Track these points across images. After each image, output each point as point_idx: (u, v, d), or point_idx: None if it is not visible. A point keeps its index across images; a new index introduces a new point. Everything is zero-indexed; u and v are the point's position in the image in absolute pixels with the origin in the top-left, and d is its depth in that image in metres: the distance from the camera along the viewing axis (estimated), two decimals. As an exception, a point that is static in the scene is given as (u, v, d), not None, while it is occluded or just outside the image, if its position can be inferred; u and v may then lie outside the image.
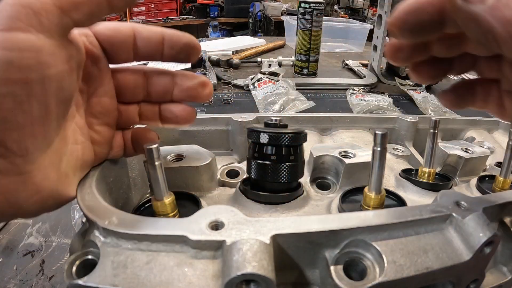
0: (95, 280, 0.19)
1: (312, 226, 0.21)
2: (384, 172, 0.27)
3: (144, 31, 0.27)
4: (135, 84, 0.30)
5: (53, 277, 0.43)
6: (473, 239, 0.22)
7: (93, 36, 0.27)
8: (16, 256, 0.46)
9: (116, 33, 0.27)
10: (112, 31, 0.27)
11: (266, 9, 3.56)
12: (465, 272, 0.22)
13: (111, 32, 0.27)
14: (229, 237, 0.20)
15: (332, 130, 0.48)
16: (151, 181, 0.25)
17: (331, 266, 0.21)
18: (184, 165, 0.33)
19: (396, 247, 0.21)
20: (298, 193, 0.32)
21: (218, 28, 3.86)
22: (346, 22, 1.75)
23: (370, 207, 0.27)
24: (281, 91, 0.91)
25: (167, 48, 0.28)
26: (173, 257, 0.20)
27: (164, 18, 4.00)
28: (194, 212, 0.22)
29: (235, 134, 0.43)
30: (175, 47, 0.28)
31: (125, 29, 0.27)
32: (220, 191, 0.35)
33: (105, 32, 0.27)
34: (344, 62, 1.28)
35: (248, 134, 0.31)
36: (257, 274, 0.18)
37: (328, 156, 0.36)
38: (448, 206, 0.23)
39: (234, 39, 1.63)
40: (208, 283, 0.19)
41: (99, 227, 0.21)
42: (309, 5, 1.04)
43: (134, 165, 0.33)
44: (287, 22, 1.58)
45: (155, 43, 0.28)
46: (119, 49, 0.27)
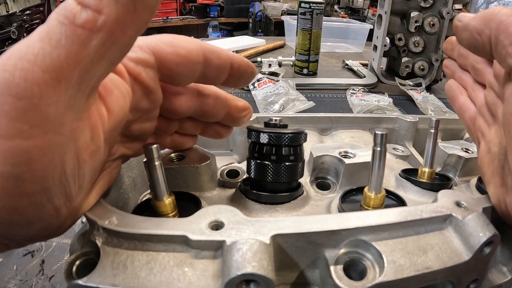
0: (95, 280, 0.19)
1: (312, 226, 0.21)
2: (384, 172, 0.27)
3: (215, 59, 0.25)
4: (187, 108, 0.28)
5: (53, 277, 0.43)
6: (473, 239, 0.22)
7: (153, 66, 0.23)
8: (16, 256, 0.46)
9: (184, 60, 0.23)
10: (180, 57, 0.23)
11: (266, 9, 3.56)
12: (465, 272, 0.22)
13: (178, 59, 0.23)
14: (229, 237, 0.20)
15: (332, 130, 0.48)
16: (151, 181, 0.25)
17: (331, 266, 0.21)
18: (184, 165, 0.33)
19: (396, 247, 0.21)
20: (298, 193, 0.31)
21: (218, 28, 3.87)
22: (346, 22, 1.75)
23: (370, 207, 0.27)
24: (281, 91, 0.91)
25: (230, 77, 0.27)
26: (173, 257, 0.20)
27: (164, 18, 4.00)
28: (194, 212, 0.22)
29: (235, 134, 0.43)
30: (238, 76, 0.27)
31: (195, 56, 0.24)
32: (220, 191, 0.35)
33: (171, 58, 0.23)
34: (344, 62, 1.28)
35: (248, 134, 0.31)
36: (257, 274, 0.18)
37: (328, 156, 0.36)
38: (448, 206, 0.23)
39: (234, 39, 1.63)
40: (208, 283, 0.19)
41: (99, 227, 0.21)
42: (309, 5, 1.03)
43: (134, 165, 0.33)
44: (287, 22, 1.58)
45: (222, 73, 0.26)
46: (183, 76, 0.24)
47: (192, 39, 0.25)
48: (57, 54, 0.15)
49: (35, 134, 0.15)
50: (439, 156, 0.42)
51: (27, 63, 0.15)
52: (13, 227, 0.18)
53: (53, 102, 0.16)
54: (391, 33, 1.02)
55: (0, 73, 0.15)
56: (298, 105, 0.86)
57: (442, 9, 0.97)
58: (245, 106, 0.31)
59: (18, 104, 0.15)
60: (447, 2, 0.96)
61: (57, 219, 0.20)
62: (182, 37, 0.24)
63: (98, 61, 0.17)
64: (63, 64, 0.16)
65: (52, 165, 0.17)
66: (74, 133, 0.18)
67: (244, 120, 0.32)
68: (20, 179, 0.16)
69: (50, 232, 0.21)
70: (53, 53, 0.15)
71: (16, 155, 0.15)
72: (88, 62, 0.16)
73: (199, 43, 0.24)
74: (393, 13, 0.98)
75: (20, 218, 0.17)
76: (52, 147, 0.16)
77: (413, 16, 0.98)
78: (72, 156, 0.18)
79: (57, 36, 0.16)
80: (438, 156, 0.41)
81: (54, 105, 0.16)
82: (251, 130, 0.30)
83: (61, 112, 0.16)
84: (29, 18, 3.90)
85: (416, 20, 0.98)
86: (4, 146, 0.15)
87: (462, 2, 1.02)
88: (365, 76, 1.12)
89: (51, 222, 0.20)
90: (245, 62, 0.27)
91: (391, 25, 1.00)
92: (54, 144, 0.16)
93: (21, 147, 0.15)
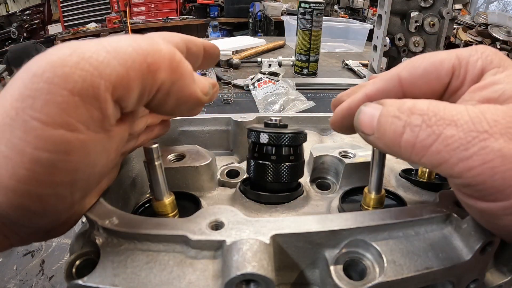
0: (95, 280, 0.19)
1: (312, 226, 0.21)
2: (384, 172, 0.27)
3: (193, 47, 0.26)
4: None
5: (53, 277, 0.43)
6: (473, 239, 0.22)
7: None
8: (16, 256, 0.46)
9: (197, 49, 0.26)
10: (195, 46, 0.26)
11: (266, 9, 3.56)
12: (465, 272, 0.22)
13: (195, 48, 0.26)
14: (229, 237, 0.20)
15: (332, 130, 0.48)
16: (151, 181, 0.25)
17: (331, 266, 0.21)
18: (184, 165, 0.33)
19: (396, 247, 0.21)
20: (298, 193, 0.31)
21: (218, 28, 3.86)
22: (346, 22, 1.75)
23: (370, 207, 0.27)
24: (281, 91, 0.91)
25: (204, 61, 0.28)
26: (173, 257, 0.20)
27: (164, 18, 4.00)
28: (194, 212, 0.22)
29: (235, 134, 0.43)
30: (210, 59, 0.28)
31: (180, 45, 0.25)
32: (220, 191, 0.35)
33: None
34: (344, 62, 1.28)
35: (248, 134, 0.31)
36: (257, 274, 0.18)
37: (328, 156, 0.36)
38: (448, 206, 0.23)
39: (234, 39, 1.63)
40: (208, 283, 0.19)
41: (99, 227, 0.21)
42: (309, 5, 1.04)
43: (134, 165, 0.33)
44: (287, 22, 1.58)
45: (199, 58, 0.27)
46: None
47: (174, 34, 0.25)
48: (122, 71, 0.17)
49: (79, 128, 0.17)
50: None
51: (90, 66, 0.17)
52: (27, 215, 0.18)
53: (102, 106, 0.17)
54: (391, 33, 1.02)
55: (60, 67, 0.16)
56: (298, 105, 0.86)
57: (442, 9, 0.97)
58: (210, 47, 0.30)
59: (71, 99, 0.16)
60: (447, 2, 0.96)
61: (67, 214, 0.20)
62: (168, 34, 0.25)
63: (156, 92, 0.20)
64: (124, 81, 0.17)
65: (87, 160, 0.18)
66: (111, 134, 0.19)
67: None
68: (55, 167, 0.16)
69: (53, 227, 0.21)
70: (117, 68, 0.17)
71: (57, 144, 0.16)
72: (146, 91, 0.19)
73: (180, 36, 0.26)
74: (393, 13, 0.98)
75: (39, 207, 0.18)
76: (91, 144, 0.18)
77: (413, 16, 0.98)
78: (105, 155, 0.19)
79: (126, 56, 0.18)
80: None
81: (103, 109, 0.17)
82: (251, 130, 0.30)
83: (108, 115, 0.18)
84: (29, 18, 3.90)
85: (416, 20, 0.98)
86: (48, 133, 0.16)
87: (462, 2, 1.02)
88: (365, 76, 1.12)
89: (61, 217, 0.20)
90: (212, 44, 0.29)
91: (391, 25, 1.00)
92: (93, 141, 0.18)
93: (63, 137, 0.16)
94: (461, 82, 0.23)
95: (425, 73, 0.23)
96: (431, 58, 0.23)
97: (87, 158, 0.18)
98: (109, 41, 0.18)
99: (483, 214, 0.20)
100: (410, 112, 0.20)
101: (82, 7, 4.01)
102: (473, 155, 0.18)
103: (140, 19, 4.01)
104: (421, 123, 0.19)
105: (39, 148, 0.16)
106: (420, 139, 0.19)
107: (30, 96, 0.16)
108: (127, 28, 3.77)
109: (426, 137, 0.19)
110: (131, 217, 0.22)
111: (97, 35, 3.92)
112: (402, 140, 0.20)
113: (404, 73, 0.24)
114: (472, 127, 0.18)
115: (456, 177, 0.19)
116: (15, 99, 0.16)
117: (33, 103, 0.16)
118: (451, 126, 0.18)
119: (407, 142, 0.20)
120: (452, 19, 0.98)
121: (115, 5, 3.86)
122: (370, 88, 0.25)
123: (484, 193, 0.18)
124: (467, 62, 0.22)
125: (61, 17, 4.00)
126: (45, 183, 0.17)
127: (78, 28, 3.96)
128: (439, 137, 0.19)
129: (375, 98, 0.25)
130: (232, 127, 0.43)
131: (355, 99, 0.25)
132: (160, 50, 0.20)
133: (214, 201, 0.33)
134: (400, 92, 0.24)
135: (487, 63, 0.22)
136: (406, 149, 0.20)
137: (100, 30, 3.94)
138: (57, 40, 3.82)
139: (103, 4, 4.01)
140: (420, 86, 0.24)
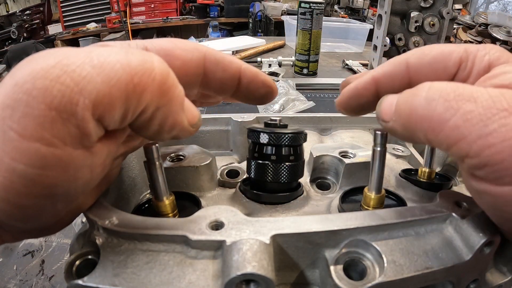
0: (95, 280, 0.19)
1: (312, 226, 0.21)
2: (384, 172, 0.27)
3: (219, 72, 0.24)
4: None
5: (53, 277, 0.43)
6: (473, 239, 0.22)
7: None
8: (16, 256, 0.46)
9: (179, 72, 0.22)
10: (174, 69, 0.21)
11: (266, 9, 3.56)
12: (465, 272, 0.22)
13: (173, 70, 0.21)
14: (229, 237, 0.20)
15: (332, 130, 0.48)
16: (151, 181, 0.25)
17: (331, 266, 0.21)
18: (184, 165, 0.33)
19: (396, 247, 0.21)
20: (298, 193, 0.31)
21: (218, 28, 3.87)
22: (346, 22, 1.75)
23: (370, 207, 0.27)
24: (281, 91, 0.91)
25: (238, 93, 0.26)
26: (173, 257, 0.20)
27: (164, 18, 4.01)
28: (194, 212, 0.22)
29: (235, 134, 0.43)
30: (248, 95, 0.26)
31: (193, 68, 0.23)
32: (220, 191, 0.35)
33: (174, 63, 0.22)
34: (344, 62, 1.28)
35: (248, 134, 0.31)
36: (257, 274, 0.18)
37: (328, 156, 0.36)
38: (448, 206, 0.23)
39: (234, 39, 1.63)
40: (208, 283, 0.19)
41: (99, 227, 0.21)
42: (309, 5, 1.04)
43: (134, 165, 0.33)
44: (287, 22, 1.58)
45: (227, 87, 0.25)
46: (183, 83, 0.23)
47: (195, 47, 0.23)
48: (104, 89, 0.16)
49: (55, 144, 0.16)
50: (439, 156, 0.42)
51: (71, 81, 0.16)
52: (11, 219, 0.18)
53: (80, 124, 0.16)
54: (391, 33, 1.02)
55: (41, 79, 0.15)
56: (298, 105, 0.86)
57: (442, 9, 0.97)
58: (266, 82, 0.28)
59: (48, 113, 0.15)
60: (447, 2, 0.96)
61: (54, 219, 0.20)
62: (183, 43, 0.23)
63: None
64: (105, 100, 0.16)
65: (65, 176, 0.17)
66: (93, 150, 0.18)
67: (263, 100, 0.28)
68: (31, 180, 0.16)
69: (44, 228, 0.21)
70: (100, 86, 0.16)
71: (32, 157, 0.16)
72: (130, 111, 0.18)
73: (202, 52, 0.23)
74: (393, 13, 0.98)
75: (20, 215, 0.17)
76: (69, 160, 0.17)
77: (413, 16, 0.98)
78: (87, 171, 0.18)
79: (111, 73, 0.17)
80: (438, 156, 0.41)
81: (81, 126, 0.16)
82: (251, 130, 0.30)
83: (87, 132, 0.17)
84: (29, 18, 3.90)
85: (416, 20, 0.98)
86: (24, 145, 0.15)
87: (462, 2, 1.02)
88: (365, 76, 1.12)
89: (49, 221, 0.20)
90: (260, 79, 0.26)
91: (391, 25, 1.00)
92: (71, 157, 0.17)
93: (39, 152, 0.16)
94: (467, 74, 0.23)
95: (433, 61, 0.23)
96: (440, 48, 0.23)
97: (65, 173, 0.17)
98: (98, 53, 0.17)
99: (495, 201, 0.19)
100: (427, 88, 0.19)
101: (82, 7, 4.02)
102: (493, 131, 0.17)
103: (140, 19, 4.01)
104: (438, 97, 0.19)
105: (16, 160, 0.15)
106: (438, 113, 0.18)
107: (9, 106, 0.15)
108: (127, 28, 3.77)
109: (444, 111, 0.18)
110: (131, 217, 0.22)
111: (97, 35, 3.92)
112: (418, 114, 0.19)
113: (412, 59, 0.24)
114: (491, 104, 0.17)
115: (473, 156, 0.18)
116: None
117: (12, 114, 0.15)
118: (471, 102, 0.18)
119: (424, 117, 0.19)
120: (452, 19, 0.98)
121: (115, 5, 3.86)
122: (378, 71, 0.25)
123: (500, 174, 0.17)
124: (475, 56, 0.22)
125: (61, 17, 4.00)
126: (23, 194, 0.16)
127: (78, 28, 3.96)
128: (457, 111, 0.18)
129: (382, 81, 0.25)
130: (232, 127, 0.43)
131: (362, 81, 0.25)
132: (151, 70, 0.18)
133: (214, 201, 0.33)
134: (407, 77, 0.24)
135: (494, 58, 0.22)
136: (422, 125, 0.19)
137: (100, 30, 3.94)
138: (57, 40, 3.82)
139: (103, 4, 4.01)
140: (427, 74, 0.24)
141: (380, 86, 0.25)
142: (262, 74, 0.26)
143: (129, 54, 0.18)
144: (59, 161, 0.16)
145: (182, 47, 0.23)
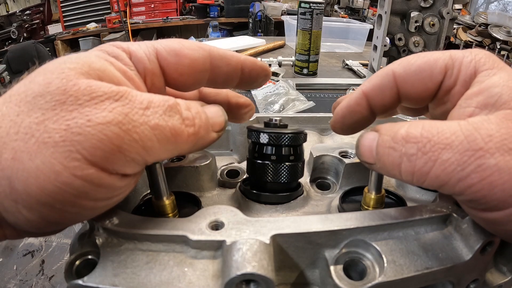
0: (95, 280, 0.19)
1: (312, 226, 0.21)
2: (384, 172, 0.27)
3: (223, 66, 0.25)
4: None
5: (53, 277, 0.43)
6: (473, 239, 0.22)
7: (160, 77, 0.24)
8: (16, 256, 0.46)
9: (188, 70, 0.24)
10: (184, 67, 0.23)
11: (266, 9, 3.56)
12: (465, 272, 0.22)
13: (182, 69, 0.23)
14: (229, 237, 0.20)
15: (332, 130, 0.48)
16: (151, 181, 0.25)
17: (331, 266, 0.21)
18: (184, 165, 0.33)
19: (396, 247, 0.21)
20: (298, 193, 0.31)
21: (218, 28, 3.87)
22: (346, 22, 1.75)
23: (370, 207, 0.27)
24: (281, 91, 0.91)
25: (242, 82, 0.27)
26: (173, 257, 0.20)
27: (164, 18, 4.01)
28: (194, 212, 0.22)
29: (235, 134, 0.43)
30: (250, 81, 0.27)
31: (201, 65, 0.24)
32: (220, 191, 0.35)
33: (174, 68, 0.23)
34: (344, 62, 1.28)
35: (248, 134, 0.31)
36: (257, 274, 0.18)
37: (328, 156, 0.36)
38: (448, 206, 0.23)
39: (234, 39, 1.63)
40: (208, 283, 0.19)
41: (99, 227, 0.21)
42: (309, 5, 1.04)
43: (134, 165, 0.33)
44: (287, 22, 1.58)
45: (232, 79, 0.26)
46: (188, 84, 0.25)
47: (200, 46, 0.24)
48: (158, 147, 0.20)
49: (110, 171, 0.19)
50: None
51: (137, 135, 0.19)
52: (41, 222, 0.19)
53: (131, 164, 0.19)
54: (391, 33, 1.02)
55: (116, 126, 0.18)
56: (298, 105, 0.86)
57: (442, 9, 0.97)
58: (246, 103, 0.31)
59: (115, 153, 0.18)
60: (447, 2, 0.96)
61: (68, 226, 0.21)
62: (188, 43, 0.24)
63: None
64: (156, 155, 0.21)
65: (107, 194, 0.19)
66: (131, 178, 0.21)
67: (245, 117, 0.32)
68: (83, 192, 0.18)
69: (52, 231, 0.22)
70: (156, 145, 0.20)
71: (90, 178, 0.18)
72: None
73: (207, 50, 0.24)
74: (393, 13, 0.98)
75: (56, 219, 0.19)
76: (113, 183, 0.19)
77: (413, 16, 0.98)
78: (123, 191, 0.21)
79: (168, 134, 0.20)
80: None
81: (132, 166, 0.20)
82: (251, 130, 0.30)
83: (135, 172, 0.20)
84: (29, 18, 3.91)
85: (416, 20, 0.98)
86: (86, 167, 0.18)
87: (462, 2, 1.02)
88: (365, 76, 1.12)
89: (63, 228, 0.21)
90: (258, 66, 0.27)
91: (391, 25, 1.00)
92: (115, 181, 0.19)
93: (98, 174, 0.18)
94: (454, 81, 0.23)
95: (419, 71, 0.24)
96: (426, 57, 0.24)
97: (110, 192, 0.19)
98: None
99: (488, 222, 0.20)
100: (404, 141, 0.20)
101: (82, 7, 4.02)
102: (470, 173, 0.18)
103: (140, 19, 4.02)
104: (416, 151, 0.20)
105: (76, 176, 0.17)
106: (418, 168, 0.20)
107: (80, 134, 0.17)
108: (127, 28, 3.77)
109: (423, 165, 0.19)
110: (131, 217, 0.22)
111: (97, 35, 3.92)
112: (401, 169, 0.21)
113: (398, 70, 0.24)
114: (467, 146, 0.18)
115: (458, 195, 0.20)
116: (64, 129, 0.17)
117: (83, 141, 0.17)
118: (446, 150, 0.19)
119: (406, 172, 0.20)
120: (452, 19, 0.98)
121: (115, 5, 3.87)
122: (366, 85, 0.26)
123: (486, 205, 0.19)
124: (461, 62, 0.23)
125: (61, 17, 4.00)
126: (70, 203, 0.18)
127: (78, 28, 3.96)
128: (435, 163, 0.19)
129: (371, 94, 0.26)
130: (232, 127, 0.43)
131: (352, 97, 0.26)
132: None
133: (214, 201, 0.33)
134: (395, 88, 0.25)
135: (480, 64, 0.22)
136: (406, 177, 0.21)
137: (100, 30, 3.95)
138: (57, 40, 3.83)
139: (103, 4, 4.01)
140: (414, 83, 0.24)
141: (370, 99, 0.26)
142: (258, 60, 0.28)
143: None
144: (107, 183, 0.19)
145: (189, 47, 0.24)
